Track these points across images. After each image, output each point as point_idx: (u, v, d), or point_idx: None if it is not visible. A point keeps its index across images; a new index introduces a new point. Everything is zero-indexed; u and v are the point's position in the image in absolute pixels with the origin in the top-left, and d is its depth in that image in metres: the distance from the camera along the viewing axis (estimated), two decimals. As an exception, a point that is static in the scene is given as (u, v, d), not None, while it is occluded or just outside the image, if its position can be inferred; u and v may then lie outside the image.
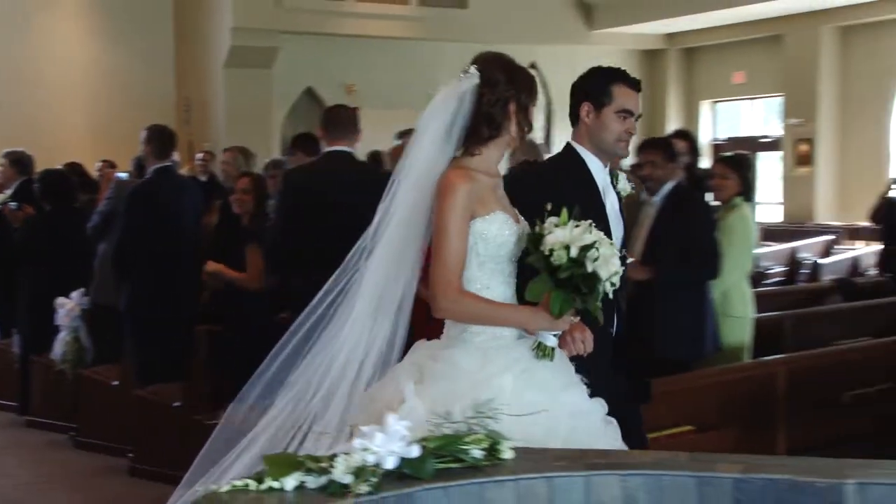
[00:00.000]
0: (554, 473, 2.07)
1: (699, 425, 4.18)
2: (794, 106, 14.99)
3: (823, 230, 13.19)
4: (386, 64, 14.92)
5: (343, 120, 5.19)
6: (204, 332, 5.71)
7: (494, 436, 2.17)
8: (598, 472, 2.08)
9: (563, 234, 2.65)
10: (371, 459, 1.97)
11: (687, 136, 6.57)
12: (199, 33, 14.27)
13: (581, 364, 2.85)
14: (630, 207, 5.44)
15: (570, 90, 3.47)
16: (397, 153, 6.41)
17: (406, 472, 2.00)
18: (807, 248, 11.32)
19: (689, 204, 5.17)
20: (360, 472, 1.93)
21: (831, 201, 14.88)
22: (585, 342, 2.83)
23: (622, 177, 3.50)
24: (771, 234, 12.96)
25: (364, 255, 2.85)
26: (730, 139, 16.86)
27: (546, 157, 7.52)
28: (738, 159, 5.99)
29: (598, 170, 3.42)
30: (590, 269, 2.62)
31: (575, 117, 3.46)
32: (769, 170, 15.96)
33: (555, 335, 2.78)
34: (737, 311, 5.51)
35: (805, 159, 15.11)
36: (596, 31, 15.89)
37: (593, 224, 2.69)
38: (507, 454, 2.15)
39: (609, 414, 2.81)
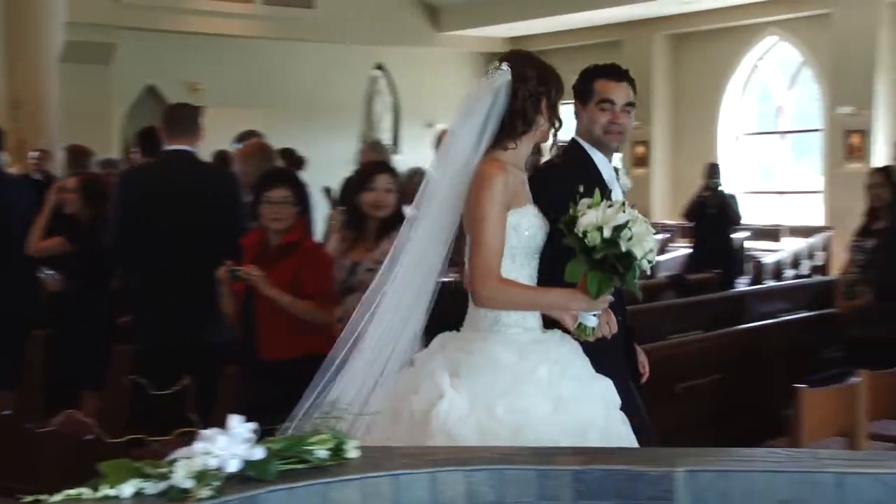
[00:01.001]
0: (399, 471, 2.08)
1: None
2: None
3: (659, 229, 13.72)
4: (232, 63, 14.65)
5: (184, 118, 5.07)
6: (40, 335, 5.47)
7: (339, 435, 2.16)
8: (442, 469, 2.10)
9: (595, 216, 2.67)
10: (213, 463, 1.93)
11: (530, 137, 6.72)
12: (30, 26, 13.64)
13: (596, 352, 2.90)
14: None
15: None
16: (244, 154, 6.30)
17: (250, 475, 1.98)
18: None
19: None
20: (201, 477, 1.89)
21: (666, 201, 15.49)
22: (611, 324, 2.89)
23: (622, 172, 3.57)
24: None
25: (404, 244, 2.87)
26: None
27: (392, 157, 7.57)
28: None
29: (603, 163, 3.48)
30: (624, 248, 2.64)
31: (576, 116, 3.54)
32: (609, 171, 16.44)
33: (594, 315, 2.82)
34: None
35: (642, 161, 15.68)
36: (442, 33, 16.04)
37: (626, 203, 2.72)
38: (353, 453, 2.14)
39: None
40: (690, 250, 10.92)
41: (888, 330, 5.86)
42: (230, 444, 1.96)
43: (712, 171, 10.37)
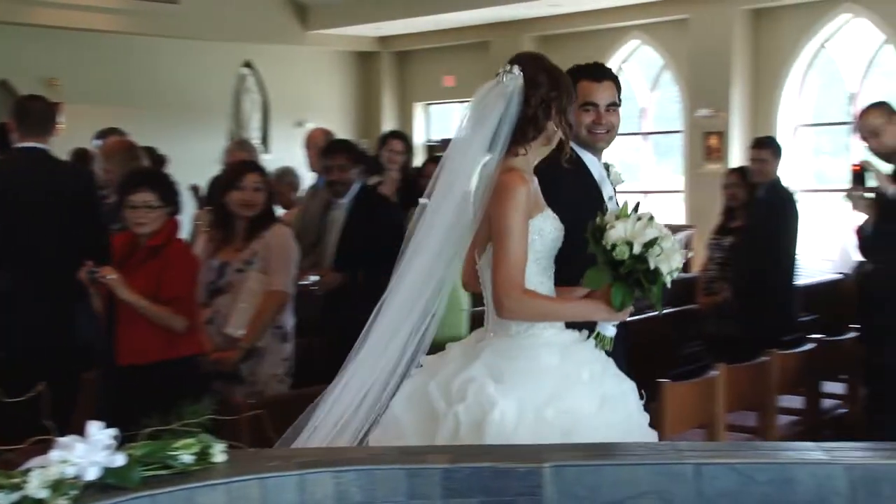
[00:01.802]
0: (266, 474, 2.05)
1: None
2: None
3: (529, 228, 13.93)
4: (93, 58, 14.14)
5: (36, 113, 4.85)
6: None
7: (205, 439, 2.12)
8: (310, 471, 2.08)
9: (624, 229, 2.65)
10: (70, 471, 1.86)
11: (401, 136, 6.76)
12: None
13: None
14: (316, 212, 5.49)
15: None
16: (107, 152, 6.08)
17: (110, 483, 1.91)
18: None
19: (379, 204, 5.30)
20: (57, 486, 1.82)
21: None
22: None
23: (613, 168, 3.57)
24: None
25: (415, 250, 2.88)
26: (443, 140, 17.42)
27: (261, 156, 7.46)
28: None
29: (592, 162, 3.48)
30: (652, 265, 2.64)
31: None
32: (479, 171, 16.63)
33: (614, 325, 2.86)
34: (462, 305, 5.74)
35: (511, 161, 15.90)
36: (311, 31, 15.89)
37: (653, 217, 2.70)
38: (219, 457, 2.10)
39: None
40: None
41: (744, 326, 6.10)
42: (89, 451, 1.89)
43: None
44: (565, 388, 2.70)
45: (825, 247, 11.30)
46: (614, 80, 3.57)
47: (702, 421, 4.42)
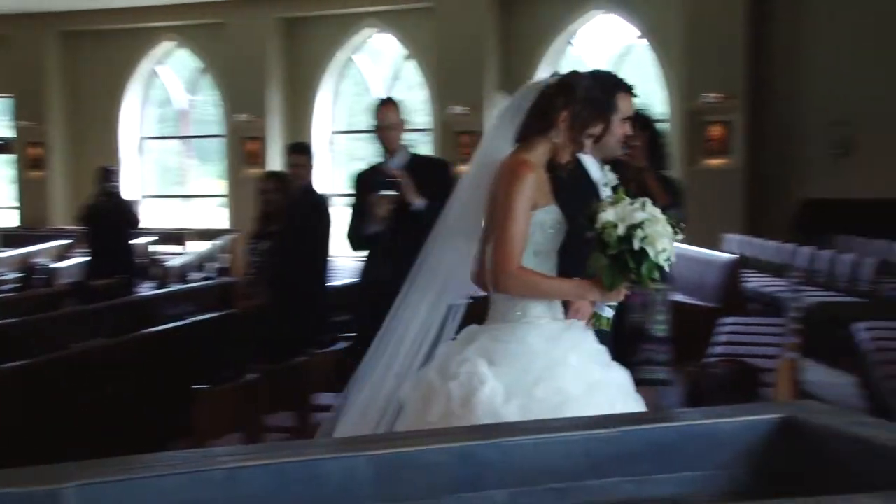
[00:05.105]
0: None
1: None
2: (25, 108, 14.73)
3: (59, 234, 13.18)
4: None
5: None
6: None
7: None
8: None
9: (613, 213, 2.80)
10: None
11: None
12: None
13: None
14: None
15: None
16: None
17: None
18: (43, 253, 11.24)
19: None
20: None
21: (67, 205, 14.93)
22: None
23: (606, 168, 3.71)
24: (6, 239, 12.61)
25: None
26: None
27: None
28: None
29: (592, 165, 3.59)
30: (636, 246, 2.77)
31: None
32: (1, 173, 15.50)
33: (610, 306, 3.07)
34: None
35: (38, 163, 14.94)
36: None
37: (648, 201, 2.83)
38: None
39: None
40: (90, 256, 10.61)
41: (281, 327, 6.22)
42: None
43: (106, 175, 10.15)
44: (553, 369, 2.85)
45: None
46: None
47: (243, 424, 4.44)
